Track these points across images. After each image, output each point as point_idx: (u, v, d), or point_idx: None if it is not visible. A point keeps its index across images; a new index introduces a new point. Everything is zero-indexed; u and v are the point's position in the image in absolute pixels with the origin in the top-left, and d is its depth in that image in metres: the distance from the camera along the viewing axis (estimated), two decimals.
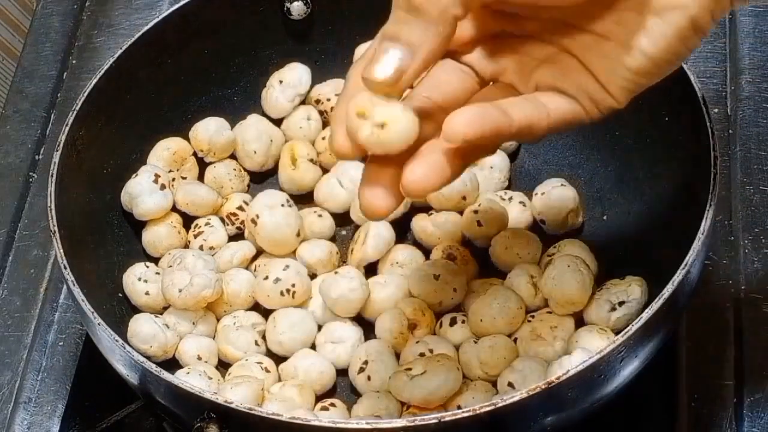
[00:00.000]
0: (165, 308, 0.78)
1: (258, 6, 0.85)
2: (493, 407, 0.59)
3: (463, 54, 0.57)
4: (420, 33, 0.50)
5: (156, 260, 0.81)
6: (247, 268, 0.81)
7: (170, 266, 0.76)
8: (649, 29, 0.52)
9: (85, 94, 0.76)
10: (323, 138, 0.86)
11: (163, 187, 0.80)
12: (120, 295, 0.79)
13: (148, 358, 0.71)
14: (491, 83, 0.58)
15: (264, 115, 0.87)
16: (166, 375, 0.64)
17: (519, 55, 0.56)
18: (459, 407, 0.70)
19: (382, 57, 0.50)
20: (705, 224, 0.65)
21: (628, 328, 0.61)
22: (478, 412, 0.59)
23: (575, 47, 0.55)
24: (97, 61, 0.98)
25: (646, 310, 0.62)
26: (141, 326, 0.75)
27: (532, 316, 0.76)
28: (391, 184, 0.53)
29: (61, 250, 0.69)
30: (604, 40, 0.53)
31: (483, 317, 0.74)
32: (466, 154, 0.53)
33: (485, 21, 0.57)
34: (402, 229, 0.82)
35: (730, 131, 0.86)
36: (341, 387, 0.76)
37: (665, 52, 0.53)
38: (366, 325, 0.78)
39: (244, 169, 0.86)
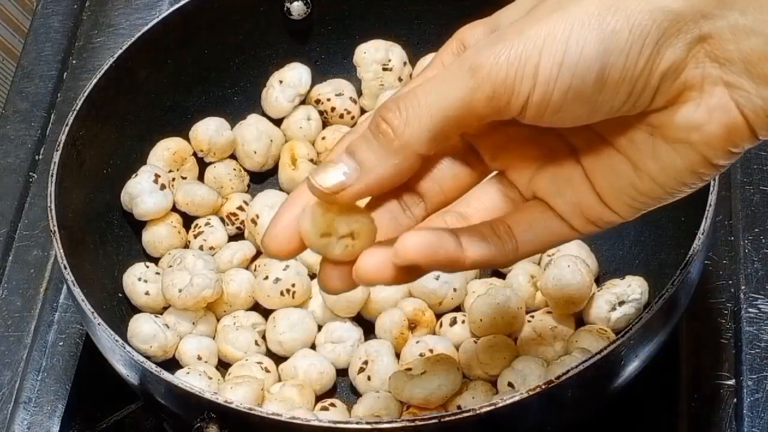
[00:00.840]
0: (165, 308, 0.78)
1: (258, 6, 0.85)
2: (493, 407, 0.59)
3: (472, 136, 0.53)
4: (375, 158, 0.48)
5: (156, 260, 0.81)
6: (247, 268, 0.81)
7: (170, 266, 0.76)
8: (659, 157, 0.49)
9: (85, 94, 0.76)
10: (323, 138, 0.86)
11: (163, 187, 0.80)
12: (120, 295, 0.79)
13: (148, 358, 0.71)
14: (495, 172, 0.54)
15: (264, 115, 0.87)
16: (166, 375, 0.64)
17: (524, 150, 0.53)
18: (459, 407, 0.70)
19: (330, 167, 0.49)
20: (705, 224, 0.65)
21: (628, 328, 0.61)
22: (478, 412, 0.59)
23: (584, 151, 0.51)
24: (97, 61, 0.98)
25: (646, 310, 0.62)
26: (141, 326, 0.75)
27: (532, 316, 0.76)
28: (347, 272, 0.51)
29: (61, 250, 0.69)
30: (615, 153, 0.50)
31: (483, 317, 0.74)
32: (419, 269, 0.50)
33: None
34: None
35: None
36: (341, 387, 0.76)
37: (675, 182, 0.49)
38: (366, 325, 0.78)
39: (244, 169, 0.86)
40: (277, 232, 0.51)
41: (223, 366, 0.77)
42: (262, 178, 0.87)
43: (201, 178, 0.86)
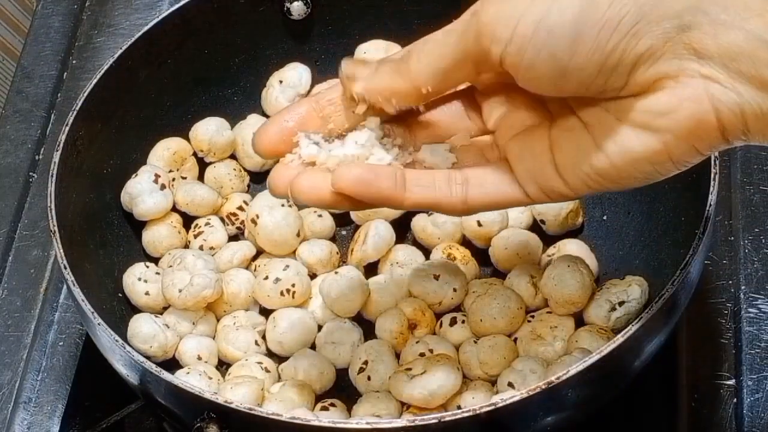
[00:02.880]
0: (165, 308, 0.78)
1: (258, 6, 0.85)
2: (493, 407, 0.59)
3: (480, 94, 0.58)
4: (388, 72, 0.54)
5: (156, 260, 0.81)
6: (247, 268, 0.81)
7: (170, 266, 0.76)
8: (621, 138, 0.50)
9: (85, 94, 0.76)
10: None
11: (163, 187, 0.80)
12: (120, 295, 0.79)
13: (148, 358, 0.71)
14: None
15: (264, 115, 0.87)
16: (166, 375, 0.64)
17: (515, 115, 0.56)
18: (459, 407, 0.70)
19: (362, 62, 0.56)
20: (705, 224, 0.65)
21: (628, 328, 0.61)
22: (478, 412, 0.59)
23: (558, 123, 0.54)
24: (97, 61, 0.98)
25: (646, 310, 0.62)
26: (141, 326, 0.75)
27: (532, 316, 0.76)
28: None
29: (61, 250, 0.69)
30: (583, 130, 0.52)
31: (483, 317, 0.74)
32: (355, 201, 0.55)
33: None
34: (402, 229, 0.82)
35: None
36: (341, 387, 0.76)
37: (631, 167, 0.51)
38: (366, 325, 0.78)
39: (244, 169, 0.86)
40: (270, 129, 0.57)
41: (223, 366, 0.77)
42: (262, 178, 0.87)
43: (201, 178, 0.86)
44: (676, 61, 0.48)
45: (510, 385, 0.71)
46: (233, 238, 0.83)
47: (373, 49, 0.86)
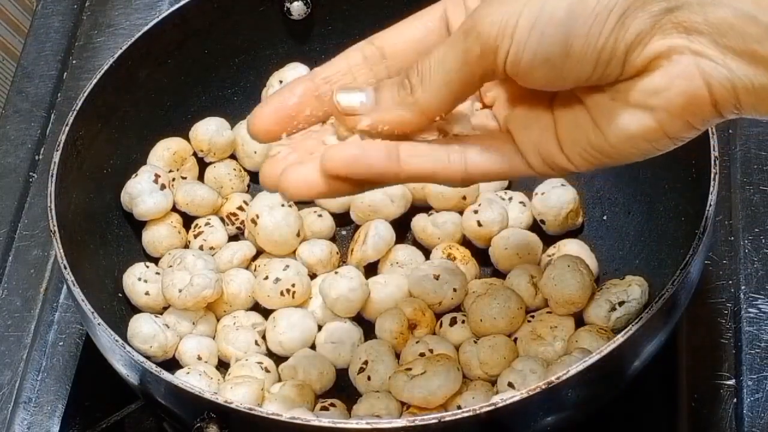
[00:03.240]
0: (165, 308, 0.78)
1: (258, 6, 0.85)
2: (493, 407, 0.59)
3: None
4: (391, 103, 0.53)
5: (156, 260, 0.81)
6: (247, 268, 0.81)
7: (170, 266, 0.76)
8: (616, 118, 0.51)
9: (85, 94, 0.76)
10: None
11: (163, 187, 0.80)
12: (120, 295, 0.79)
13: (148, 358, 0.71)
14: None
15: None
16: (166, 375, 0.64)
17: (514, 88, 0.55)
18: (459, 407, 0.70)
19: (355, 90, 0.54)
20: (705, 224, 0.65)
21: (628, 328, 0.61)
22: (478, 412, 0.59)
23: (558, 101, 0.53)
24: (97, 61, 0.98)
25: (646, 310, 0.62)
26: (141, 326, 0.75)
27: (532, 316, 0.76)
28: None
29: (61, 250, 0.69)
30: (581, 108, 0.52)
31: (483, 317, 0.74)
32: (348, 184, 0.54)
33: None
34: (402, 229, 0.82)
35: (730, 131, 0.86)
36: (341, 387, 0.76)
37: (628, 145, 0.51)
38: (366, 325, 0.78)
39: (244, 169, 0.86)
40: (265, 110, 0.56)
41: (223, 366, 0.77)
42: None
43: (201, 178, 0.86)
44: (665, 40, 0.48)
45: (510, 385, 0.71)
46: (233, 238, 0.83)
47: None
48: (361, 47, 0.57)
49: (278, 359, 0.77)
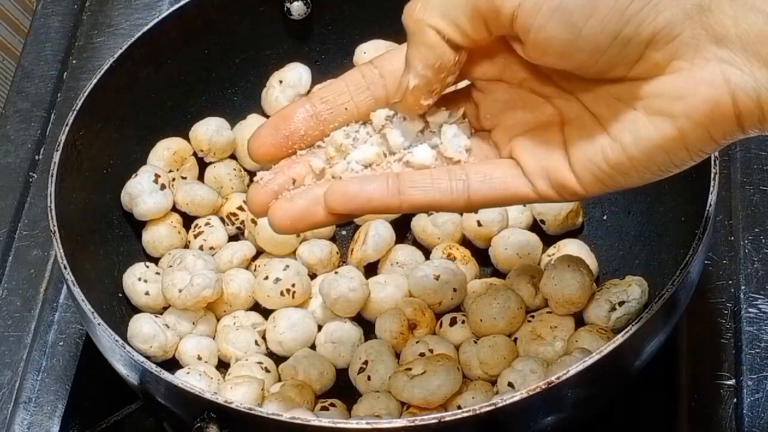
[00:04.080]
0: (165, 308, 0.78)
1: (258, 6, 0.85)
2: (493, 407, 0.59)
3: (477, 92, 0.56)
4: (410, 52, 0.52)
5: (156, 260, 0.81)
6: (247, 268, 0.81)
7: (170, 266, 0.76)
8: (635, 127, 0.49)
9: (85, 94, 0.76)
10: None
11: (163, 187, 0.80)
12: (120, 295, 0.79)
13: (148, 358, 0.71)
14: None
15: (264, 115, 0.87)
16: (166, 375, 0.64)
17: (516, 113, 0.55)
18: (459, 407, 0.70)
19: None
20: (705, 224, 0.65)
21: (628, 328, 0.61)
22: (478, 412, 0.59)
23: (570, 121, 0.52)
24: (97, 61, 0.98)
25: (646, 310, 0.62)
26: (141, 326, 0.75)
27: (532, 316, 0.76)
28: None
29: (61, 250, 0.69)
30: (597, 124, 0.51)
31: (483, 317, 0.74)
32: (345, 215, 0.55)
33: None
34: (402, 229, 0.82)
35: None
36: (341, 387, 0.76)
37: (646, 157, 0.49)
38: (366, 325, 0.78)
39: (244, 169, 0.86)
40: (262, 134, 0.56)
41: (223, 366, 0.77)
42: None
43: (201, 178, 0.86)
44: (693, 42, 0.46)
45: (510, 385, 0.71)
46: (233, 238, 0.83)
47: (373, 49, 0.86)
48: (361, 68, 0.57)
49: (278, 359, 0.77)
